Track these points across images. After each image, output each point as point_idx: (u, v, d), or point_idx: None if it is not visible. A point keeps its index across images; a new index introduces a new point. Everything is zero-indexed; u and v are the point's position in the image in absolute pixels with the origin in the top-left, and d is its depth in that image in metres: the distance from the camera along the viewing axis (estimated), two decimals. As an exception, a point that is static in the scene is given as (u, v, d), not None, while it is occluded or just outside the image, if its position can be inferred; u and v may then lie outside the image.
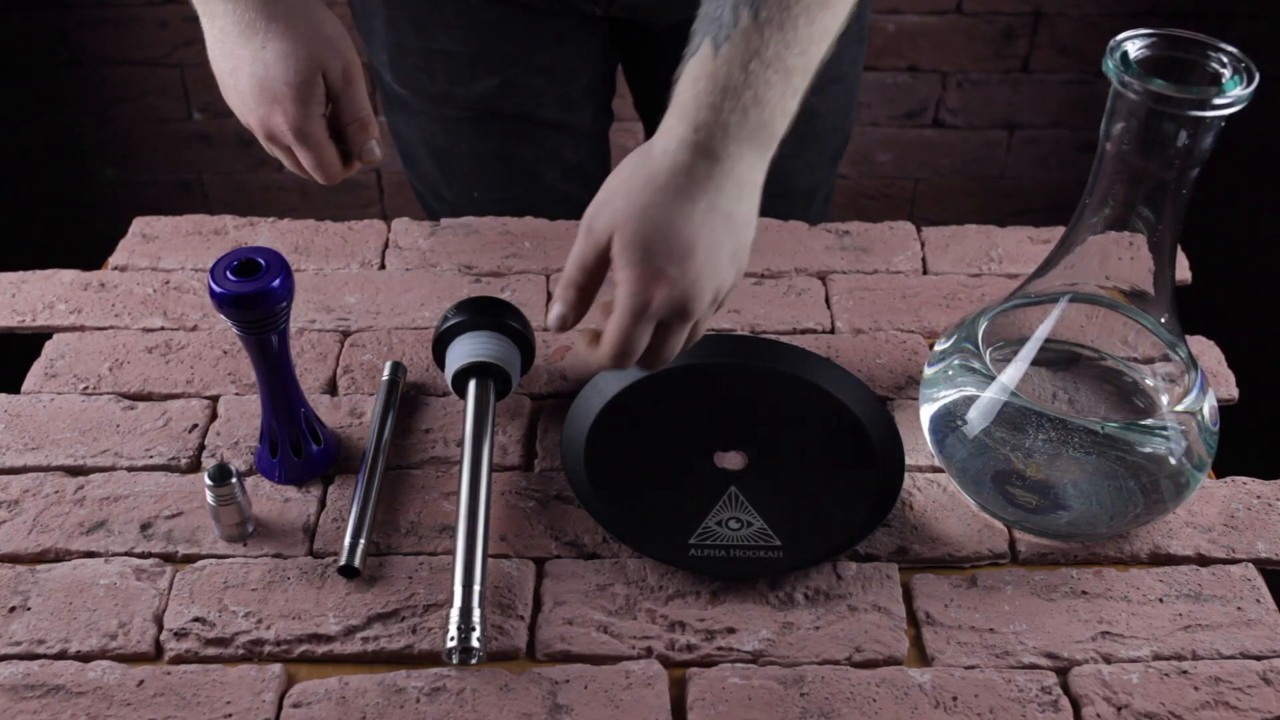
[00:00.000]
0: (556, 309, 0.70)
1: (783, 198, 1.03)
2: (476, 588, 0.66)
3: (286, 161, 0.82)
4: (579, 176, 1.11)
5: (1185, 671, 0.66)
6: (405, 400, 0.83)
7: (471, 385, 0.78)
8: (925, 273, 0.95)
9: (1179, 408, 0.71)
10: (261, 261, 0.69)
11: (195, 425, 0.80)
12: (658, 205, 0.66)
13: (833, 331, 0.89)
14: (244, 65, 0.78)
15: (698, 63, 0.67)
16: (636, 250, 0.66)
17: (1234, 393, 0.85)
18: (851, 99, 1.11)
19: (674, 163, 0.66)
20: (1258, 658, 0.67)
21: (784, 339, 0.87)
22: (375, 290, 0.92)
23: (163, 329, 0.88)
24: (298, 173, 0.82)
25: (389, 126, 1.11)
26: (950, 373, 0.74)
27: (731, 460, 0.78)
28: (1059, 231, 0.75)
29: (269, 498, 0.76)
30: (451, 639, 0.64)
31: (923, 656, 0.68)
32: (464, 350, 0.79)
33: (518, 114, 1.05)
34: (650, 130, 1.17)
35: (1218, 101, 0.61)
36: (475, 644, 0.64)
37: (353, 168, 0.83)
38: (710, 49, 0.67)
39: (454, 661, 0.64)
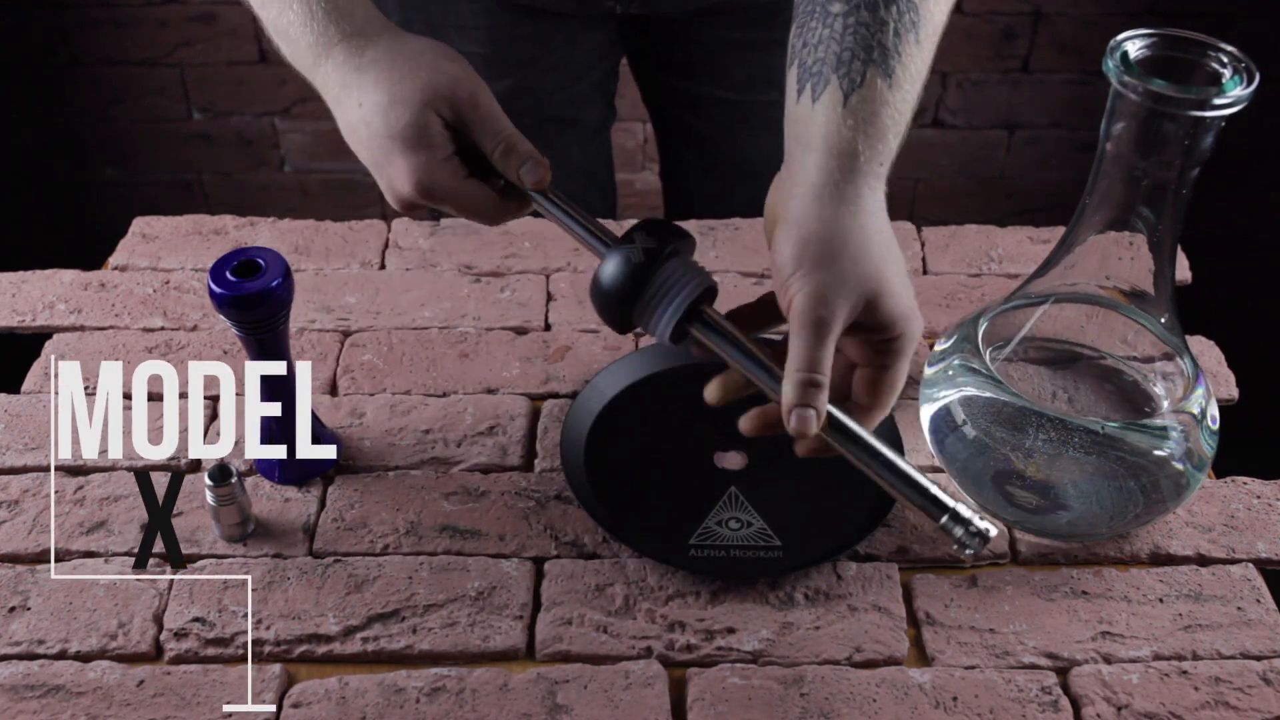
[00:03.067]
0: (805, 415, 0.59)
1: None
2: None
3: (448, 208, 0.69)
4: (583, 177, 1.12)
5: (1185, 672, 0.66)
6: (403, 402, 0.83)
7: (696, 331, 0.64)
8: (925, 273, 0.95)
9: (1179, 408, 0.71)
10: (261, 262, 0.69)
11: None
12: (882, 248, 0.62)
13: (833, 331, 0.89)
14: (354, 130, 0.67)
15: (871, 95, 0.62)
16: (901, 301, 0.61)
17: (1234, 393, 0.85)
18: None
19: (878, 203, 0.63)
20: (1258, 658, 0.67)
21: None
22: (375, 290, 0.92)
23: (163, 329, 0.88)
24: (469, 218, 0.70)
25: None
26: (950, 373, 0.74)
27: (731, 460, 0.78)
28: (1059, 231, 0.75)
29: (269, 498, 0.76)
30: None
31: (923, 656, 0.68)
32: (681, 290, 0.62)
33: (528, 113, 1.05)
34: (657, 121, 1.17)
35: (1218, 101, 0.61)
36: None
37: (523, 205, 0.70)
38: (883, 79, 0.63)
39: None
